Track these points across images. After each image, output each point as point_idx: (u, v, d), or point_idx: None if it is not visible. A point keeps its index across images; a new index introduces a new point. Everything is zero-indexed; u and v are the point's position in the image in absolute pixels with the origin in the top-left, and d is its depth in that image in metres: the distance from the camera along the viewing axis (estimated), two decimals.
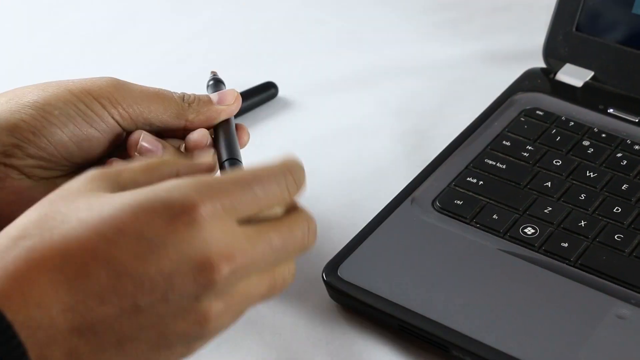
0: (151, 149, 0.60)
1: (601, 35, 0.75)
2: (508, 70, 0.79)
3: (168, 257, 0.47)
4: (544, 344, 0.58)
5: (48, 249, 0.47)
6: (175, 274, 0.47)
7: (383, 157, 0.73)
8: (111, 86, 0.60)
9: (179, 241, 0.47)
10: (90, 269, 0.46)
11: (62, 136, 0.59)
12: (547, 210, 0.65)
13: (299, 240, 0.51)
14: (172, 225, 0.47)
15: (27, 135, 0.58)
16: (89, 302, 0.46)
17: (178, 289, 0.47)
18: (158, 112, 0.61)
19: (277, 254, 0.50)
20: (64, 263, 0.46)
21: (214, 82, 0.67)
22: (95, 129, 0.60)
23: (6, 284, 0.46)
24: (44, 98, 0.59)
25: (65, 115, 0.59)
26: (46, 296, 0.46)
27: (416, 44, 0.84)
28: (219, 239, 0.48)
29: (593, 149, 0.70)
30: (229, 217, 0.48)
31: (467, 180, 0.68)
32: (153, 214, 0.47)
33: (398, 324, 0.60)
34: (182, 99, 0.62)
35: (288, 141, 0.75)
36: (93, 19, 0.88)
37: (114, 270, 0.46)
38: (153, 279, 0.47)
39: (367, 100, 0.79)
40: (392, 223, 0.65)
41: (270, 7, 0.88)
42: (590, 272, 0.62)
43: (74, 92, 0.60)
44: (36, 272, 0.46)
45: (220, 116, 0.63)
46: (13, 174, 0.59)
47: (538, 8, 0.86)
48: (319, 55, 0.83)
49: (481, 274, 0.62)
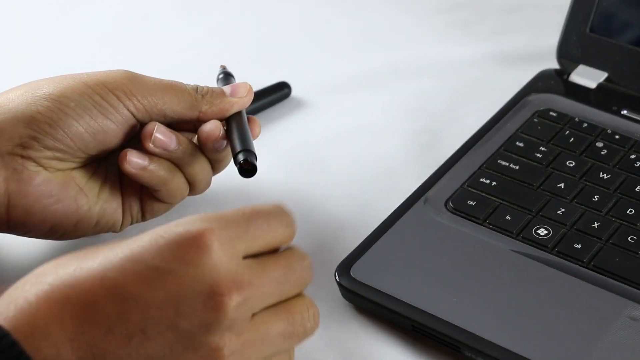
0: (165, 141, 0.60)
1: (615, 37, 0.75)
2: (520, 71, 0.79)
3: (176, 282, 0.46)
4: (556, 345, 0.58)
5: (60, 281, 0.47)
6: (184, 300, 0.46)
7: (395, 157, 0.73)
8: (125, 78, 0.61)
9: (187, 266, 0.47)
10: (97, 298, 0.46)
11: (78, 128, 0.59)
12: (560, 211, 0.65)
13: (297, 273, 0.50)
14: (180, 251, 0.47)
15: (43, 127, 0.59)
16: (94, 331, 0.46)
17: (187, 316, 0.46)
18: (172, 104, 0.61)
19: (280, 286, 0.49)
20: (71, 293, 0.46)
21: (223, 75, 0.67)
22: (110, 120, 0.60)
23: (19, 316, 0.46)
24: (60, 90, 0.60)
25: (80, 107, 0.59)
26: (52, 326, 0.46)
27: (428, 44, 0.84)
28: (227, 267, 0.47)
29: (606, 150, 0.70)
30: (235, 247, 0.48)
31: (480, 181, 0.68)
32: (162, 243, 0.47)
33: (410, 324, 0.60)
34: (196, 90, 0.63)
35: (300, 141, 0.75)
36: (106, 18, 0.88)
37: (119, 296, 0.46)
38: (160, 305, 0.46)
39: (380, 100, 0.79)
40: (405, 223, 0.65)
41: (283, 7, 0.88)
42: (603, 274, 0.62)
43: (89, 85, 0.60)
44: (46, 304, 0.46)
45: (233, 108, 0.63)
46: (30, 166, 0.59)
47: (551, 9, 0.86)
48: (331, 55, 0.83)
49: (494, 274, 0.62)
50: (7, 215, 0.59)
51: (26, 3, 0.89)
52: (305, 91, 0.79)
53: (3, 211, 0.59)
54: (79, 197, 0.60)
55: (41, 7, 0.89)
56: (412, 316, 0.60)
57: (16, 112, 0.59)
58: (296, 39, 0.85)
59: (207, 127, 0.62)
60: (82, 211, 0.61)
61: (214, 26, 0.87)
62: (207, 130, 0.62)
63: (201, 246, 0.47)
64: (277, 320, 0.49)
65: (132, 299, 0.46)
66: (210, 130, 0.62)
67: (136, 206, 0.63)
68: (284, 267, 0.50)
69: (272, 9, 0.88)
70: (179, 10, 0.89)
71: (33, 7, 0.89)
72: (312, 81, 0.80)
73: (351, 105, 0.78)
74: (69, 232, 0.61)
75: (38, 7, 0.89)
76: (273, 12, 0.88)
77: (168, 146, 0.61)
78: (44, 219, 0.60)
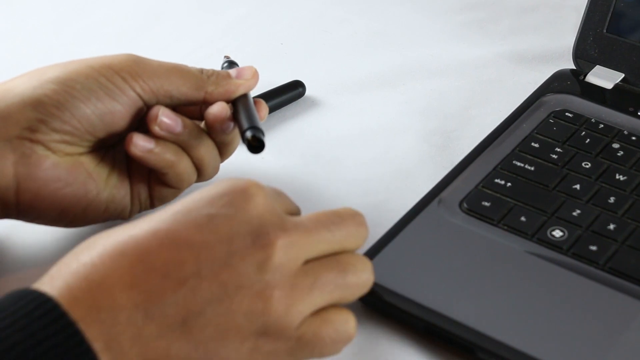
0: (170, 123, 0.61)
1: (632, 37, 0.75)
2: (536, 71, 0.79)
3: (226, 224, 0.49)
4: (570, 348, 0.58)
5: (113, 240, 0.49)
6: (235, 238, 0.49)
7: (409, 158, 0.73)
8: (131, 60, 0.61)
9: (236, 209, 0.50)
10: (151, 247, 0.48)
11: (85, 110, 0.60)
12: (575, 212, 0.65)
13: (349, 226, 0.54)
14: (229, 197, 0.51)
15: (50, 109, 0.59)
16: (151, 278, 0.48)
17: (239, 254, 0.49)
18: (178, 84, 0.62)
19: (330, 234, 0.53)
20: (126, 248, 0.48)
21: (227, 64, 0.68)
22: (117, 102, 0.60)
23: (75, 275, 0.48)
24: (66, 73, 0.60)
25: (87, 89, 0.60)
26: (108, 277, 0.47)
27: (443, 44, 0.84)
28: (272, 212, 0.51)
29: (623, 151, 0.69)
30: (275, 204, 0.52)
31: (495, 181, 0.67)
32: (212, 193, 0.51)
33: (424, 326, 0.60)
34: (201, 72, 0.63)
35: (314, 140, 0.75)
36: (119, 16, 0.88)
37: (173, 243, 0.49)
38: (213, 246, 0.49)
39: (394, 100, 0.79)
40: (419, 224, 0.65)
41: (297, 6, 0.88)
42: (618, 276, 0.61)
43: (95, 67, 0.61)
44: (100, 260, 0.48)
45: (238, 90, 0.64)
46: (38, 150, 0.59)
47: (567, 9, 0.86)
48: (346, 55, 0.83)
49: (508, 276, 0.62)
50: (16, 199, 0.59)
51: (39, 3, 0.89)
52: (319, 90, 0.79)
53: (12, 195, 0.59)
54: (87, 182, 0.61)
55: (54, 6, 0.89)
56: (425, 317, 0.60)
57: (23, 96, 0.59)
58: (310, 38, 0.85)
59: (214, 108, 0.62)
60: (90, 196, 0.61)
61: (228, 25, 0.87)
62: (214, 111, 0.62)
63: (247, 195, 0.51)
64: (327, 269, 0.52)
65: (185, 244, 0.49)
66: (217, 111, 0.62)
67: (144, 192, 0.63)
68: (333, 217, 0.53)
69: (286, 8, 0.88)
70: (193, 9, 0.89)
71: (46, 6, 0.89)
72: (326, 80, 0.80)
73: (365, 104, 0.78)
74: (78, 217, 0.61)
75: (51, 7, 0.89)
76: (287, 11, 0.88)
77: (174, 129, 0.61)
78: (52, 203, 0.60)
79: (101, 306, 0.47)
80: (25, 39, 0.86)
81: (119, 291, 0.47)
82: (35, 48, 0.84)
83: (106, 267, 0.48)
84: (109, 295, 0.47)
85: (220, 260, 0.48)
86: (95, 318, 0.46)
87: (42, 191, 0.59)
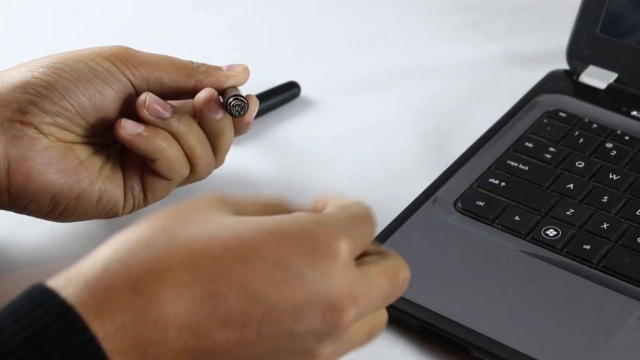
0: (159, 109, 0.61)
1: (625, 37, 0.75)
2: (530, 71, 0.79)
3: (304, 290, 0.45)
4: (565, 346, 0.58)
5: (176, 261, 0.45)
6: (307, 309, 0.45)
7: (404, 158, 0.73)
8: (122, 48, 0.62)
9: (319, 275, 0.46)
10: (220, 289, 0.44)
11: (74, 90, 0.60)
12: (569, 212, 0.65)
13: (399, 288, 0.50)
14: (314, 257, 0.46)
15: (40, 90, 0.60)
16: (210, 324, 0.44)
17: (304, 323, 0.45)
18: (169, 71, 0.62)
19: (385, 301, 0.49)
20: (192, 279, 0.44)
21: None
22: (107, 84, 0.61)
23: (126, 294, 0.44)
24: (56, 59, 0.61)
25: (76, 70, 0.61)
26: (164, 313, 0.44)
27: (438, 44, 0.84)
28: (349, 281, 0.47)
29: (616, 151, 0.70)
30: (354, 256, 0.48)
31: (489, 181, 0.68)
32: (295, 243, 0.46)
33: (419, 325, 0.60)
34: (192, 62, 0.64)
35: (310, 141, 0.75)
36: (118, 17, 0.88)
37: (245, 294, 0.45)
38: (283, 310, 0.45)
39: (389, 101, 0.79)
40: (414, 223, 0.65)
41: (293, 6, 0.88)
42: (612, 275, 0.62)
43: (85, 53, 0.62)
44: (159, 286, 0.44)
45: (228, 81, 0.64)
46: (30, 132, 0.60)
47: (561, 9, 0.86)
48: (341, 55, 0.83)
49: (503, 275, 0.62)
50: (7, 179, 0.59)
51: (37, 4, 0.89)
52: (314, 91, 0.79)
53: (3, 175, 0.59)
54: (79, 170, 0.61)
55: (54, 6, 0.89)
56: (420, 316, 0.60)
57: (13, 80, 0.60)
58: (305, 38, 0.85)
59: (202, 93, 0.62)
60: (83, 184, 0.61)
61: (224, 26, 0.87)
62: (202, 95, 0.62)
63: (332, 257, 0.46)
64: (362, 330, 0.49)
65: (257, 300, 0.45)
66: (206, 96, 0.62)
67: (137, 186, 0.63)
68: (391, 281, 0.49)
69: (281, 9, 0.88)
70: (190, 11, 0.89)
71: (46, 6, 0.89)
72: (321, 81, 0.80)
73: (360, 105, 0.78)
74: (70, 207, 0.61)
75: (49, 8, 0.89)
76: (283, 12, 0.88)
77: (162, 114, 0.61)
78: (44, 186, 0.60)
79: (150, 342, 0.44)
80: (25, 39, 0.86)
81: (173, 332, 0.44)
82: (35, 48, 0.84)
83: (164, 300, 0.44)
84: (162, 333, 0.44)
85: (284, 325, 0.45)
86: (142, 352, 0.43)
87: (33, 170, 0.59)
